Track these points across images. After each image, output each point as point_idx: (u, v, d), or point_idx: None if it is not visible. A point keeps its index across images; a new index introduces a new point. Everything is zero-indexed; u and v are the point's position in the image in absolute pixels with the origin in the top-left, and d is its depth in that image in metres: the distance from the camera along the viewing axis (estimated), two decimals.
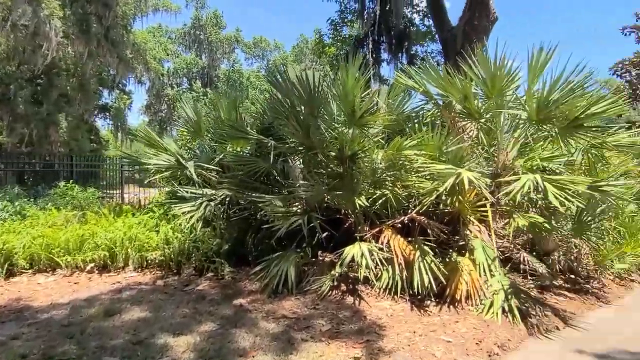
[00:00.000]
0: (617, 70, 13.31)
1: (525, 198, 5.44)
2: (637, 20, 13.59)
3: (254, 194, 5.21)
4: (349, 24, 17.05)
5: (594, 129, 4.78)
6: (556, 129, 4.81)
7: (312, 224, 4.76)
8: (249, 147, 6.19)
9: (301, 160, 5.70)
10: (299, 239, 5.06)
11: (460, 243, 5.01)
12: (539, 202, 5.43)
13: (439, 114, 5.80)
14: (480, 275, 4.58)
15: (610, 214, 6.13)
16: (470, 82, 5.23)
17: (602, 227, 5.86)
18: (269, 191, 5.53)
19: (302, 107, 5.09)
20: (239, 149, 6.29)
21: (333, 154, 5.25)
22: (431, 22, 12.79)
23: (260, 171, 5.54)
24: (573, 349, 3.78)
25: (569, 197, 4.26)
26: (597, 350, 3.75)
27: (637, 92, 13.11)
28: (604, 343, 3.94)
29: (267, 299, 4.44)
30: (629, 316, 4.96)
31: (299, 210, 5.05)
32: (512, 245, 6.09)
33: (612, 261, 5.98)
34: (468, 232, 5.07)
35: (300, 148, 5.40)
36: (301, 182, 5.39)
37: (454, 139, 5.03)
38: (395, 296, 4.46)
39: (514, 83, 5.19)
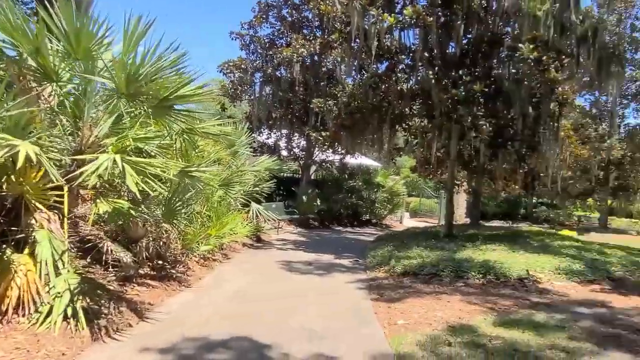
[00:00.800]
0: (224, 70, 14.85)
1: (118, 181, 4.91)
2: (241, 29, 15.51)
3: None
4: None
5: (184, 112, 4.71)
6: (147, 107, 4.44)
7: None
8: None
9: None
10: None
11: (21, 236, 3.90)
12: None
13: (4, 67, 4.39)
14: (41, 276, 3.65)
15: (200, 198, 6.42)
16: (51, 34, 4.17)
17: (192, 212, 6.03)
18: None
19: None
20: None
21: None
22: None
23: None
24: (139, 347, 3.46)
25: (149, 180, 3.93)
26: (163, 344, 3.54)
27: (238, 91, 15.05)
28: (175, 331, 3.83)
29: None
30: (208, 296, 5.20)
31: None
32: (102, 234, 5.44)
33: (198, 244, 6.26)
34: (34, 221, 4.02)
35: None
36: None
37: (19, 102, 3.85)
38: None
39: (106, 47, 4.49)
